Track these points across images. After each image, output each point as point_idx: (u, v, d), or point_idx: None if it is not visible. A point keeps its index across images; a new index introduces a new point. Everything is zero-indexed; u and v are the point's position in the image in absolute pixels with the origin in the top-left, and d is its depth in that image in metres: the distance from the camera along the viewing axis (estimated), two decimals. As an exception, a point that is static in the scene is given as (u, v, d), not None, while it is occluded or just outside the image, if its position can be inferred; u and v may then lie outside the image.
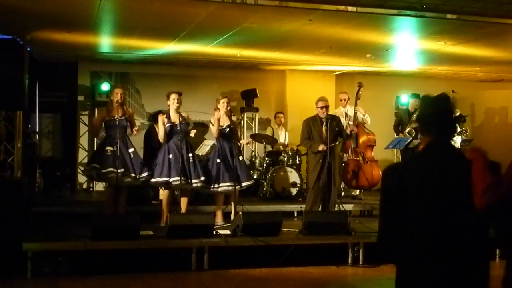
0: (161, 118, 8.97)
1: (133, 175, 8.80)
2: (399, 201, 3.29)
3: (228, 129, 9.20)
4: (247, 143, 9.59)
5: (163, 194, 9.09)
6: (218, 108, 9.24)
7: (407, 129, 11.15)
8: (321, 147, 9.01)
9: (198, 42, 10.28)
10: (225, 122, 9.21)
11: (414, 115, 11.57)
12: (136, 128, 9.01)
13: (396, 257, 3.34)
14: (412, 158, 3.72)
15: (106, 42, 10.79)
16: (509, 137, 13.80)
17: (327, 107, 9.25)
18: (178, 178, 8.65)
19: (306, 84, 13.43)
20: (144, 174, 8.89)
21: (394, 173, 3.46)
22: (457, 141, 10.29)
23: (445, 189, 3.18)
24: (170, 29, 9.34)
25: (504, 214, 3.03)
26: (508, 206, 2.98)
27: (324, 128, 9.12)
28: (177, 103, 8.88)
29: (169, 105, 8.96)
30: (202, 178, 8.93)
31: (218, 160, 9.12)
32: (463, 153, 3.22)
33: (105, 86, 12.15)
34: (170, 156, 8.81)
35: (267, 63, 12.81)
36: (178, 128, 8.78)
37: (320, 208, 9.26)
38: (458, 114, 12.06)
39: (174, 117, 8.87)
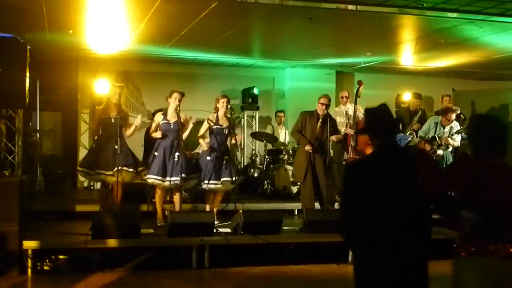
0: (158, 116, 8.97)
1: (109, 172, 8.74)
2: (359, 196, 3.82)
3: (227, 130, 9.17)
4: (239, 142, 9.43)
5: (156, 193, 9.03)
6: (217, 108, 9.21)
7: (408, 132, 11.20)
8: (308, 147, 9.12)
9: (199, 40, 10.28)
10: (224, 123, 9.19)
11: (416, 116, 11.61)
12: (133, 129, 8.96)
13: (357, 248, 3.93)
14: (369, 156, 4.18)
15: (107, 41, 10.79)
16: (510, 135, 13.79)
17: (327, 105, 9.30)
18: (152, 176, 8.66)
19: (306, 82, 13.44)
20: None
21: (355, 169, 4.06)
22: (456, 139, 10.30)
23: (399, 182, 3.80)
24: (170, 27, 9.33)
25: (443, 200, 3.80)
26: (445, 194, 3.82)
27: (319, 125, 9.18)
28: (178, 102, 8.85)
29: (169, 103, 8.95)
30: (183, 175, 8.74)
31: (208, 158, 9.09)
32: (409, 150, 3.76)
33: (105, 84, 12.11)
34: (156, 153, 8.79)
35: (267, 61, 12.81)
36: (171, 127, 8.77)
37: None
38: (458, 112, 12.06)
39: (171, 116, 8.85)
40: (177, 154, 8.71)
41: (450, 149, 10.22)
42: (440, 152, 10.04)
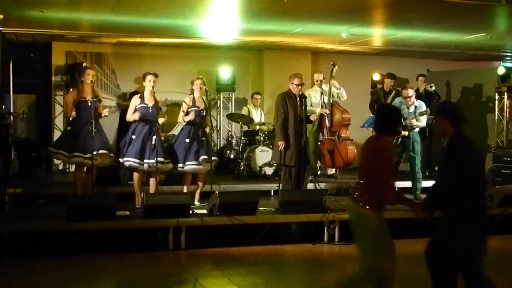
0: (134, 99, 8.92)
1: (87, 155, 8.69)
2: None
3: (204, 112, 9.17)
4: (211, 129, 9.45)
5: (133, 176, 9.01)
6: (193, 89, 9.19)
7: None
8: (281, 145, 9.10)
9: (174, 18, 10.21)
10: (201, 104, 9.17)
11: (390, 96, 11.65)
12: (105, 112, 8.93)
13: None
14: None
15: (80, 20, 10.67)
16: (483, 114, 13.96)
17: (302, 84, 9.29)
18: (130, 159, 8.63)
19: (282, 63, 13.44)
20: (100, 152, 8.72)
21: None
22: (422, 120, 10.18)
23: None
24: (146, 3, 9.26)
25: None
26: None
27: (298, 104, 9.16)
28: (153, 84, 8.81)
29: (144, 86, 8.91)
30: (160, 159, 8.73)
31: (187, 140, 9.06)
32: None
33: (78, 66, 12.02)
34: (133, 136, 8.74)
35: (243, 42, 12.78)
36: (150, 111, 8.73)
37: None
38: (433, 88, 12.15)
39: (148, 99, 8.81)
40: (154, 137, 8.69)
41: (417, 129, 10.19)
42: (405, 132, 9.96)
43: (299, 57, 13.76)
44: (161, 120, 9.06)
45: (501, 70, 12.82)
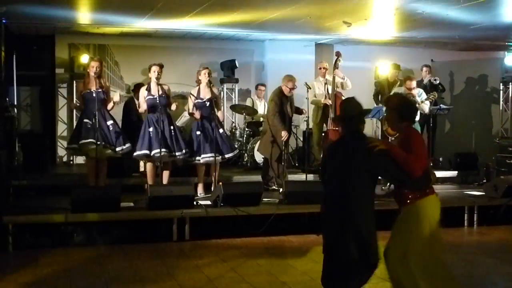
0: (142, 91, 8.96)
1: (112, 147, 8.76)
2: None
3: (209, 103, 9.17)
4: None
5: (146, 167, 9.06)
6: (199, 80, 9.21)
7: None
8: (284, 134, 9.49)
9: (175, 13, 10.19)
10: (206, 95, 9.18)
11: (395, 87, 11.63)
12: (112, 105, 8.94)
13: None
14: None
15: (83, 14, 10.65)
16: (488, 105, 13.94)
17: (295, 88, 9.83)
18: (159, 150, 8.63)
19: (286, 54, 13.40)
20: (125, 146, 8.85)
21: None
22: (427, 103, 10.34)
23: None
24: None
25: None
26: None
27: (288, 104, 9.73)
28: (158, 75, 8.85)
29: (150, 77, 8.94)
30: (184, 151, 8.96)
31: (198, 133, 9.12)
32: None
33: (84, 59, 12.03)
34: (151, 129, 8.80)
35: (246, 33, 12.74)
36: (157, 101, 8.75)
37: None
38: (437, 82, 12.12)
39: (155, 90, 8.83)
40: (171, 127, 8.82)
41: (417, 117, 10.26)
42: None
43: (302, 48, 13.70)
44: (173, 107, 9.07)
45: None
